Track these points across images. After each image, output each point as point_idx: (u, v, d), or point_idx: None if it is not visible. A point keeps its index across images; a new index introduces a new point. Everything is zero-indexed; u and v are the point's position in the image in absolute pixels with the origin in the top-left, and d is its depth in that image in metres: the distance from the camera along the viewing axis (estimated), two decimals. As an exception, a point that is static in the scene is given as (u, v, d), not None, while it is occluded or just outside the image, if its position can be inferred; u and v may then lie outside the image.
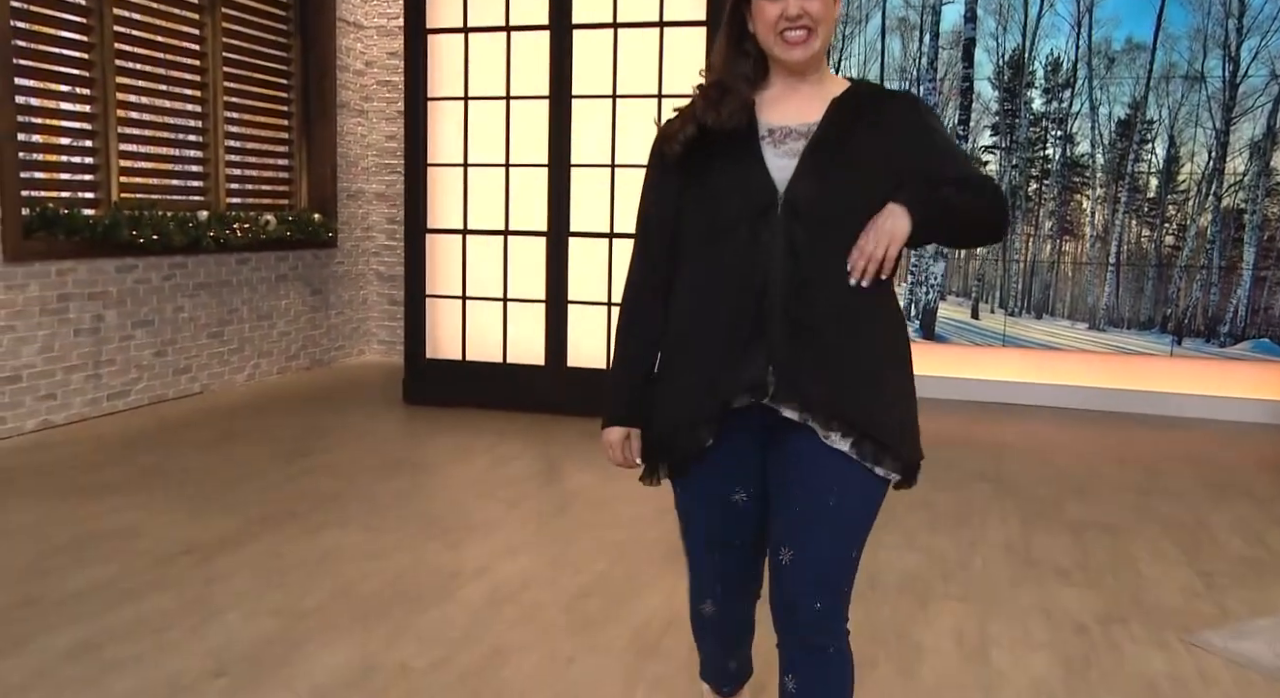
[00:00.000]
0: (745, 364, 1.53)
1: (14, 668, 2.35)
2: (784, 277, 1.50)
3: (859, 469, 1.53)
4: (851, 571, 1.58)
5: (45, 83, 4.71)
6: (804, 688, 1.58)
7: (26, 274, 4.48)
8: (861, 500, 1.55)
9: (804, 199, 1.50)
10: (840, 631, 1.59)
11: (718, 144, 1.55)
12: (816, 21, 1.49)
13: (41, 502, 3.59)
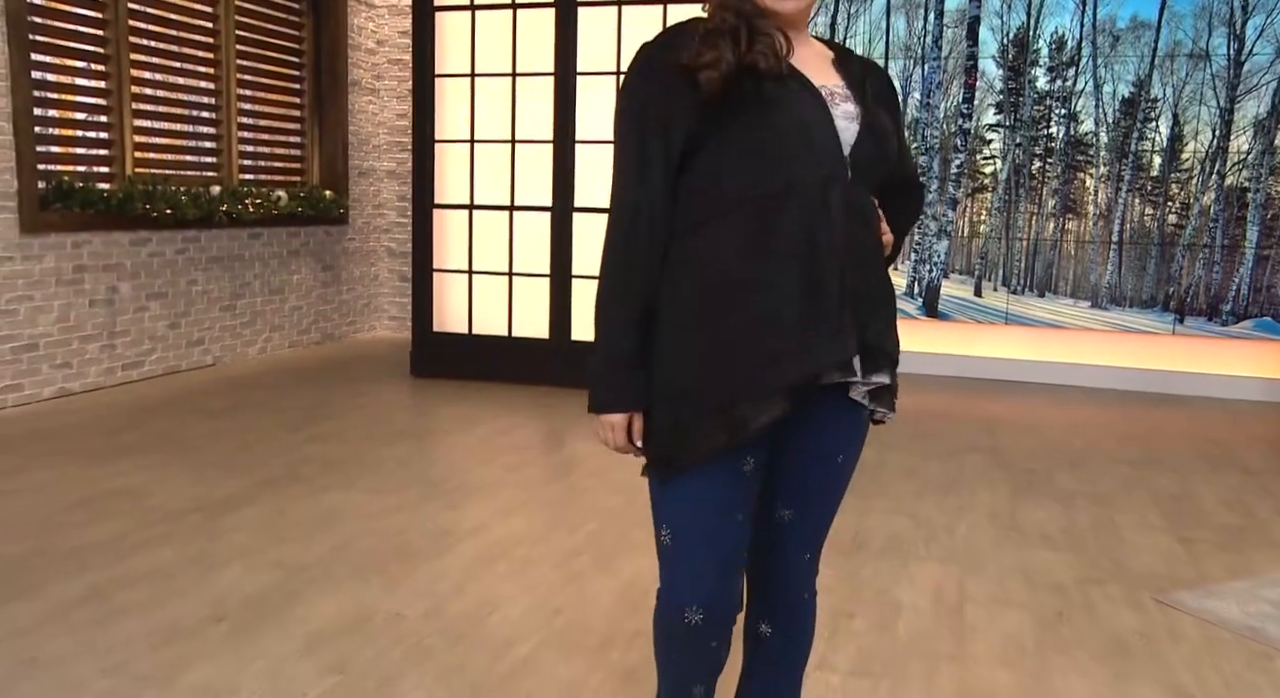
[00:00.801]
0: (838, 336, 1.42)
1: (27, 611, 2.46)
2: (851, 245, 1.43)
3: (864, 424, 1.54)
4: (830, 523, 1.63)
5: (61, 59, 4.81)
6: (781, 632, 1.63)
7: (43, 246, 4.59)
8: (858, 453, 1.58)
9: (864, 165, 1.46)
10: (811, 581, 1.64)
11: (760, 89, 1.39)
12: None
13: (57, 463, 3.71)
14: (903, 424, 4.74)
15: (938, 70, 5.93)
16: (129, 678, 2.14)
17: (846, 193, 1.43)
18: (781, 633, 1.64)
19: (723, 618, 1.48)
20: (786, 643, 1.65)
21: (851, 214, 1.43)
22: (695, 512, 1.45)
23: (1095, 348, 5.93)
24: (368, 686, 2.14)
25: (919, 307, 6.14)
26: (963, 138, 5.96)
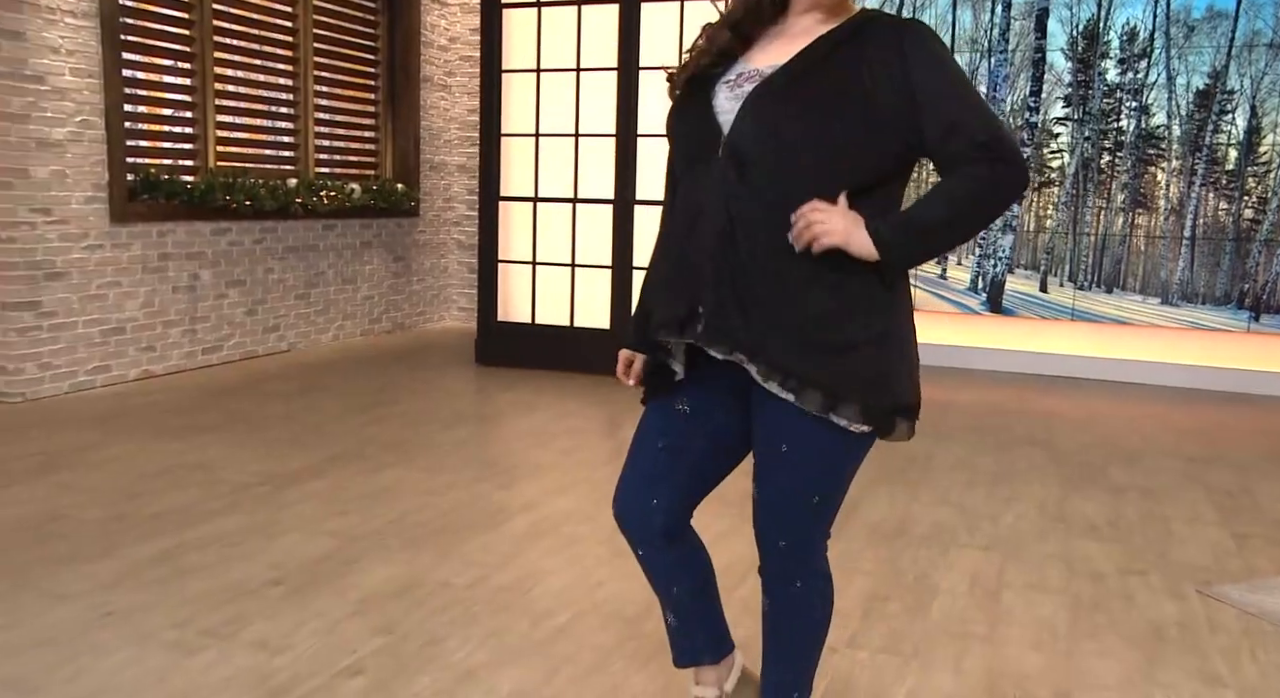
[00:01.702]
0: (673, 303, 1.55)
1: (105, 569, 2.64)
2: (720, 220, 1.49)
3: (810, 420, 1.50)
4: (816, 514, 1.59)
5: (150, 58, 5.06)
6: (774, 613, 1.69)
7: (130, 234, 4.85)
8: (818, 451, 1.53)
9: (742, 143, 1.48)
10: (808, 568, 1.64)
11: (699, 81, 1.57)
12: None
13: (138, 438, 3.93)
14: (959, 418, 4.73)
15: (1004, 63, 5.87)
16: (194, 631, 2.30)
17: (724, 174, 1.49)
18: (776, 612, 1.69)
19: (637, 533, 1.69)
20: (780, 622, 1.69)
21: (730, 194, 1.48)
22: (635, 438, 1.75)
23: (1165, 346, 5.81)
24: (413, 646, 2.26)
25: (983, 302, 6.09)
26: (1030, 131, 5.89)
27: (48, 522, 3.00)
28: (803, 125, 1.46)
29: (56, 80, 4.44)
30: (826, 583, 1.68)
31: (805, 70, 1.48)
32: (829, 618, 1.71)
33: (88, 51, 4.56)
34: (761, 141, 1.47)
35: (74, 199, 4.56)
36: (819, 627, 1.70)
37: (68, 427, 4.07)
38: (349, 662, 2.17)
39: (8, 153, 4.30)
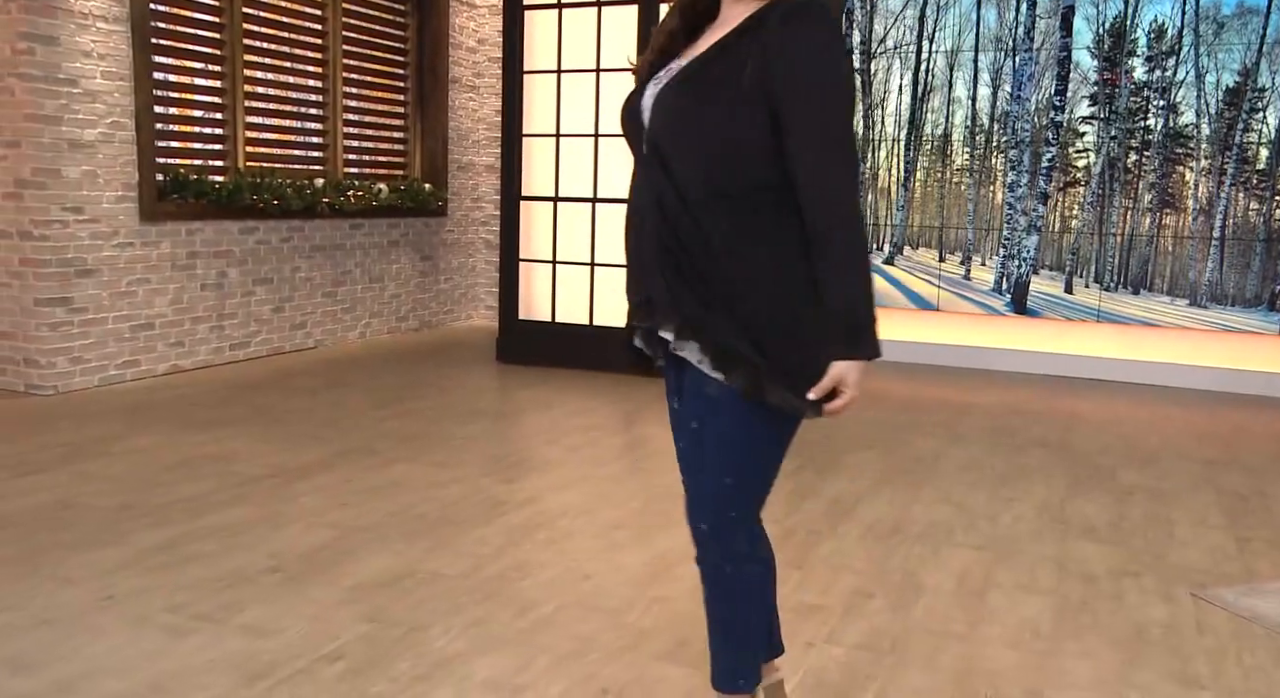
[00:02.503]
0: (633, 294, 1.65)
1: (112, 555, 2.73)
2: (654, 213, 1.55)
3: (725, 399, 1.54)
4: (733, 497, 1.61)
5: (181, 61, 5.20)
6: (706, 595, 1.72)
7: (159, 233, 4.98)
8: (730, 425, 1.56)
9: (656, 137, 1.54)
10: (730, 551, 1.64)
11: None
12: None
13: (160, 430, 4.05)
14: (977, 419, 4.70)
15: (1030, 62, 5.82)
16: (188, 615, 2.37)
17: (649, 162, 1.56)
18: (707, 594, 1.72)
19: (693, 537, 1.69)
20: (711, 605, 1.72)
21: (655, 182, 1.55)
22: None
23: (1192, 348, 5.72)
24: (396, 633, 2.31)
25: (1007, 303, 6.04)
26: (1054, 131, 5.83)
27: (63, 509, 3.11)
28: (691, 116, 1.51)
29: (88, 83, 4.58)
30: (755, 566, 1.69)
31: (707, 61, 1.52)
32: (753, 602, 1.71)
33: (119, 55, 4.70)
34: (667, 134, 1.54)
35: (105, 198, 4.71)
36: (745, 610, 1.70)
37: (95, 419, 4.20)
38: (332, 647, 2.23)
39: (41, 154, 4.44)
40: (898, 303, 6.22)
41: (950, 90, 6.00)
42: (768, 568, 1.72)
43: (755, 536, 1.69)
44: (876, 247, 6.29)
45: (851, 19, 6.15)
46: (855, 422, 4.59)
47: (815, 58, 1.45)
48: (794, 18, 1.45)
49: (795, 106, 1.45)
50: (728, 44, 1.51)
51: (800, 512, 3.29)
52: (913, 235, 6.23)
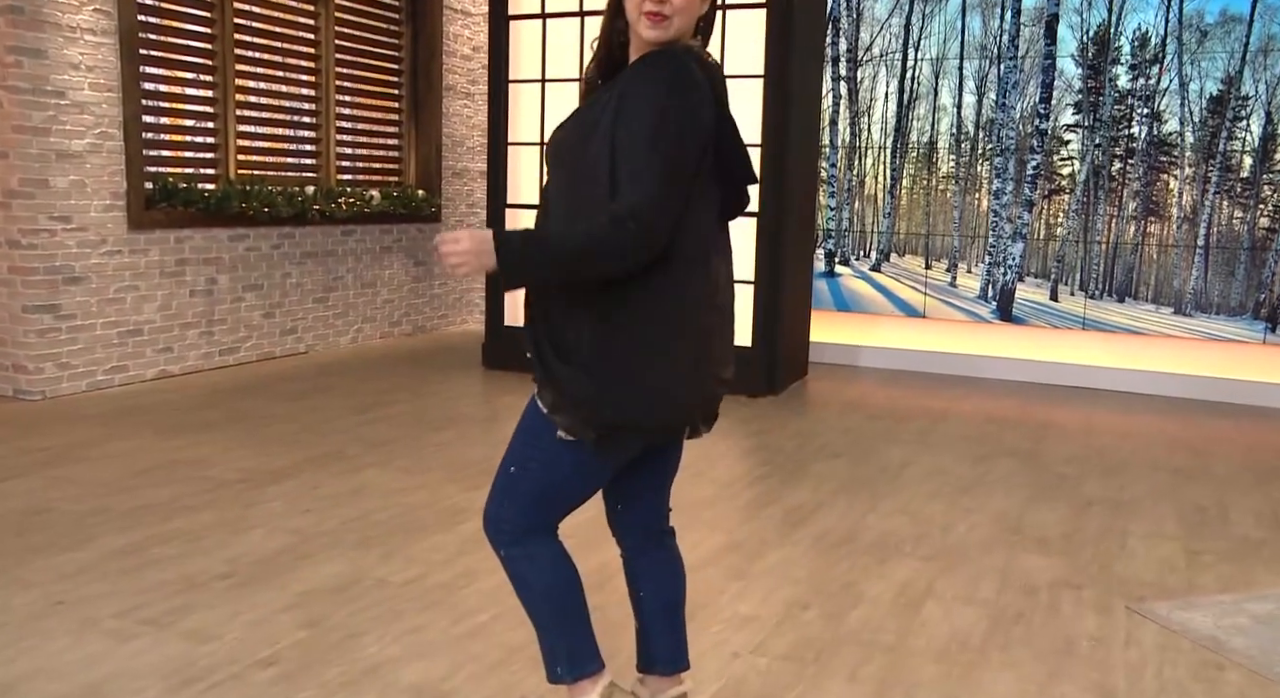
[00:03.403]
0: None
1: (72, 560, 2.81)
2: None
3: (534, 406, 1.69)
4: (511, 487, 1.73)
5: (172, 71, 5.30)
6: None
7: (148, 241, 5.08)
8: (528, 418, 1.71)
9: (547, 182, 1.71)
10: (501, 539, 1.76)
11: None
12: (676, 10, 1.61)
13: (140, 434, 4.13)
14: (952, 427, 4.73)
15: (1014, 70, 5.83)
16: (134, 621, 2.45)
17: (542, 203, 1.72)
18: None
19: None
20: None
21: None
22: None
23: (1178, 356, 5.71)
24: (332, 639, 2.38)
25: (993, 310, 6.05)
26: (1039, 139, 5.84)
27: (35, 514, 3.19)
28: (559, 161, 1.65)
29: (76, 95, 4.68)
30: (525, 563, 1.76)
31: (591, 104, 1.65)
32: (536, 600, 1.78)
33: (107, 67, 4.80)
34: (550, 170, 1.68)
35: (93, 207, 4.80)
36: (527, 601, 1.79)
37: (79, 424, 4.30)
38: (267, 653, 2.30)
39: (29, 164, 4.55)
40: (885, 309, 6.24)
41: (936, 98, 6.02)
42: (559, 578, 1.77)
43: (538, 542, 1.76)
44: (864, 253, 6.32)
45: (838, 27, 6.17)
46: (830, 429, 4.63)
47: (642, 102, 1.55)
48: (644, 62, 1.58)
49: (621, 144, 1.55)
50: (602, 92, 1.64)
51: (755, 520, 3.33)
52: (899, 242, 6.25)
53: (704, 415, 1.78)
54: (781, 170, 5.14)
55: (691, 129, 1.56)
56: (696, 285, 1.65)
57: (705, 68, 1.63)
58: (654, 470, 1.87)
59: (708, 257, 1.68)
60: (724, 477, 3.85)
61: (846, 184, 6.33)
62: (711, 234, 1.70)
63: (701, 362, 1.68)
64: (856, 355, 6.30)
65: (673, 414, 1.70)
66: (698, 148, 1.57)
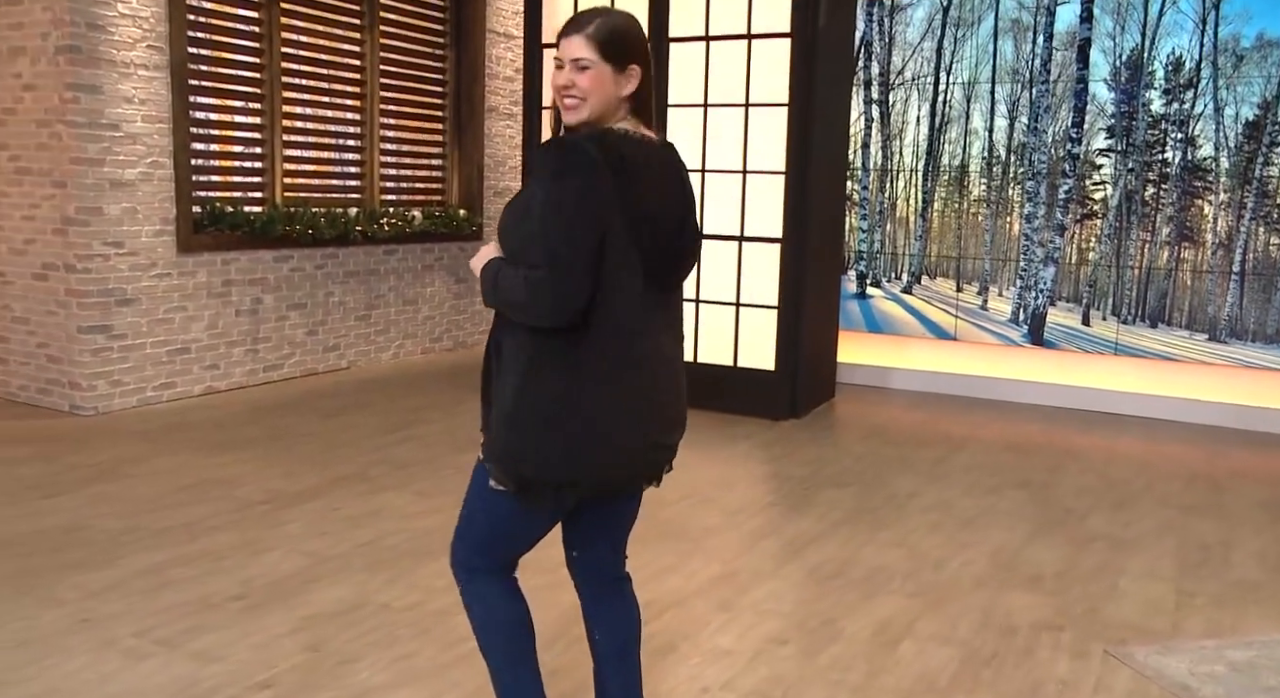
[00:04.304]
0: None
1: (99, 578, 3.02)
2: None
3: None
4: (462, 531, 1.88)
5: (221, 100, 5.55)
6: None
7: (196, 263, 5.34)
8: (475, 468, 1.85)
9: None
10: (455, 575, 1.91)
11: None
12: (586, 93, 1.75)
13: (180, 452, 4.37)
14: (968, 455, 4.75)
15: (1046, 94, 5.81)
16: (150, 641, 2.63)
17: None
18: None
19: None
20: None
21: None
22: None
23: (1212, 383, 5.65)
24: (329, 664, 2.53)
25: (1024, 334, 6.04)
26: (1071, 163, 5.81)
27: (73, 531, 3.42)
28: (503, 240, 1.81)
29: (129, 126, 4.95)
30: (473, 602, 1.89)
31: (520, 192, 1.82)
32: (482, 636, 1.91)
33: (158, 99, 5.06)
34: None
35: (144, 233, 5.07)
36: (478, 636, 1.92)
37: (126, 440, 4.55)
38: (265, 676, 2.46)
39: (85, 193, 4.82)
40: (915, 331, 6.26)
41: (968, 122, 6.03)
42: (504, 616, 1.90)
43: (486, 581, 1.89)
44: (895, 275, 6.35)
45: (870, 51, 6.21)
46: (845, 455, 4.69)
47: (538, 187, 1.71)
48: (539, 150, 1.73)
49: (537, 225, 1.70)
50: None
51: (753, 551, 3.42)
52: (930, 265, 6.26)
53: (632, 476, 1.85)
54: (804, 196, 5.21)
55: (577, 208, 1.66)
56: (617, 350, 1.73)
57: (608, 146, 1.70)
58: (605, 521, 1.96)
59: (633, 324, 1.75)
60: (733, 504, 3.94)
61: (878, 207, 6.37)
62: (638, 303, 1.75)
63: (622, 424, 1.75)
64: (887, 377, 6.33)
65: (588, 473, 1.76)
66: (586, 224, 1.66)
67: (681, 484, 4.15)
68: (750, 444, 4.88)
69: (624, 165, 1.71)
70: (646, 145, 1.79)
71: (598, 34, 1.74)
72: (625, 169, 1.71)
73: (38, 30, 4.77)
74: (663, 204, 1.78)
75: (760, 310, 5.35)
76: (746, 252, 5.35)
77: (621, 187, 1.70)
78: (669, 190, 1.81)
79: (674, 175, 1.84)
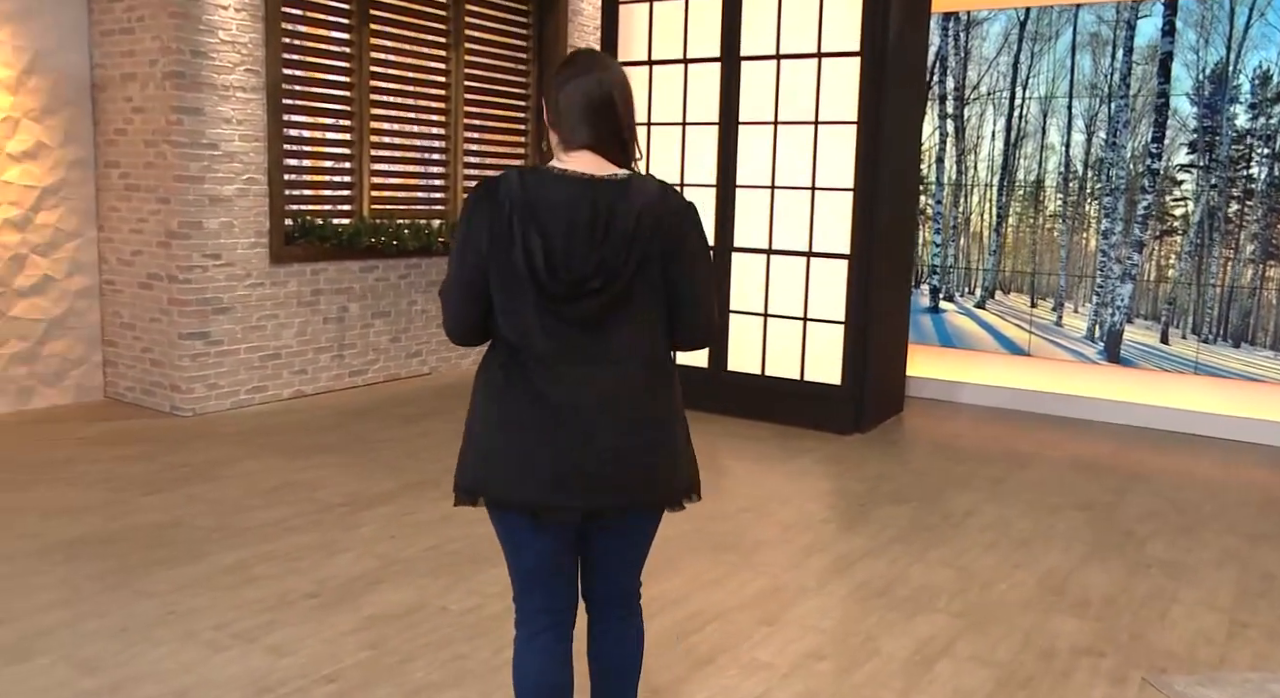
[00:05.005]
0: None
1: (186, 573, 3.27)
2: None
3: None
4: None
5: (313, 117, 5.85)
6: None
7: (287, 273, 5.64)
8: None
9: None
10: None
11: None
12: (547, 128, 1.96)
13: (266, 455, 4.64)
14: (1033, 473, 4.74)
15: (1125, 109, 5.73)
16: (228, 634, 2.85)
17: None
18: None
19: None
20: None
21: None
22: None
23: (1297, 405, 5.49)
24: (388, 662, 2.72)
25: (1099, 351, 5.95)
26: (1151, 178, 5.72)
27: (168, 528, 3.69)
28: None
29: (227, 145, 5.26)
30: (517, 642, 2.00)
31: None
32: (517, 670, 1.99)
33: (254, 119, 5.37)
34: None
35: (239, 245, 5.38)
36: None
37: (219, 441, 4.85)
38: (331, 670, 2.66)
39: (186, 208, 5.15)
40: (988, 346, 6.23)
41: (1044, 137, 5.98)
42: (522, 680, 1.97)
43: (518, 629, 1.99)
44: (968, 290, 6.32)
45: (945, 66, 6.20)
46: (907, 472, 4.72)
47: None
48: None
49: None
50: None
51: (802, 567, 3.50)
52: (1004, 280, 6.22)
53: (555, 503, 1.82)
54: (871, 213, 5.25)
55: (462, 239, 1.82)
56: (514, 374, 1.80)
57: (518, 182, 1.78)
58: (598, 553, 1.98)
59: (533, 351, 1.80)
60: (788, 518, 4.02)
61: (952, 221, 6.35)
62: (537, 333, 1.80)
63: (515, 444, 1.81)
64: (957, 392, 6.31)
65: (500, 491, 1.83)
66: (463, 257, 1.81)
67: (739, 497, 4.25)
68: (812, 458, 4.95)
69: (526, 199, 1.76)
70: (565, 180, 1.80)
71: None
72: (528, 203, 1.76)
73: (147, 57, 5.11)
74: (567, 239, 1.77)
75: (827, 325, 5.40)
76: (814, 267, 5.41)
77: (521, 219, 1.76)
78: (576, 225, 1.78)
79: (584, 211, 1.79)
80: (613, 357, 1.83)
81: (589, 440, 1.81)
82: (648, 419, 1.86)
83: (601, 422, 1.82)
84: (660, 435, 1.88)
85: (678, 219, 1.86)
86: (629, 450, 1.84)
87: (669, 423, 1.89)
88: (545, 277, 1.77)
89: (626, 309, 1.83)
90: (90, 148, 5.42)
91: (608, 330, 1.82)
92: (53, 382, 5.40)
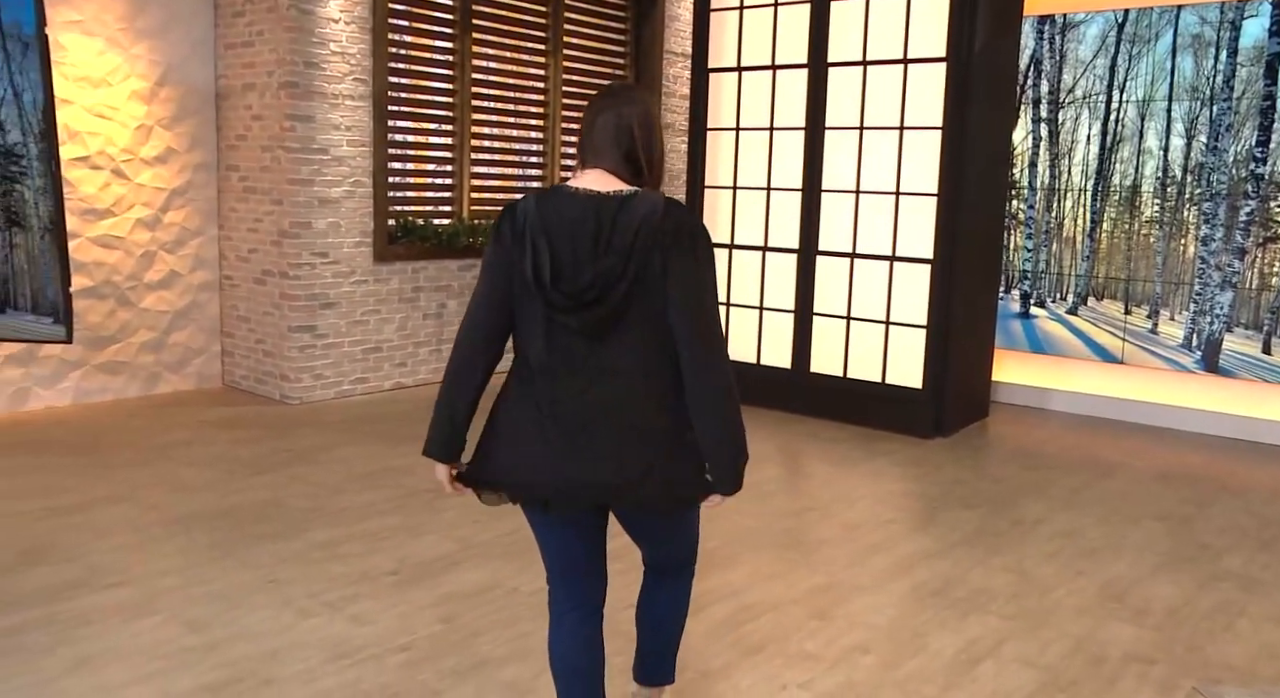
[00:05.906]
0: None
1: (286, 548, 3.55)
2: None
3: None
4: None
5: (417, 123, 6.15)
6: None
7: (389, 271, 5.96)
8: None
9: None
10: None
11: None
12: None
13: (364, 442, 4.94)
14: (1116, 483, 4.69)
15: (1228, 112, 5.58)
16: (318, 602, 3.11)
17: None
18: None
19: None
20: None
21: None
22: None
23: None
24: (458, 636, 2.93)
25: (1197, 360, 5.81)
26: (1255, 183, 5.56)
27: (271, 506, 4.00)
28: None
29: (336, 150, 5.60)
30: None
31: None
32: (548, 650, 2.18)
33: (361, 125, 5.70)
34: None
35: (345, 244, 5.72)
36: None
37: (322, 428, 5.18)
38: (405, 640, 2.88)
39: (297, 209, 5.50)
40: (1079, 353, 6.14)
41: (1141, 140, 5.86)
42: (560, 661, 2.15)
43: (553, 610, 2.17)
44: (1060, 296, 6.24)
45: (1040, 69, 6.14)
46: (982, 478, 4.73)
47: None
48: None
49: None
50: None
51: (860, 566, 3.59)
52: (1098, 286, 6.12)
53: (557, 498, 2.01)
54: (955, 218, 5.26)
55: (489, 253, 1.99)
56: (527, 379, 1.98)
57: (537, 199, 1.94)
58: (634, 536, 2.24)
59: (543, 361, 1.95)
60: (854, 519, 4.10)
61: (1044, 226, 6.28)
62: (544, 343, 1.94)
63: (520, 441, 1.99)
64: (1047, 398, 6.24)
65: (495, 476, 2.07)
66: (488, 271, 1.98)
67: (807, 496, 4.35)
68: (889, 461, 5.00)
69: (540, 214, 1.91)
70: (576, 197, 1.92)
71: None
72: (542, 217, 1.91)
73: (264, 69, 5.49)
74: (574, 252, 1.89)
75: (909, 329, 5.43)
76: (897, 271, 5.45)
77: (534, 233, 1.90)
78: (582, 238, 1.89)
79: (589, 225, 1.89)
80: (614, 367, 1.92)
81: (589, 447, 1.92)
82: (648, 428, 1.94)
83: (602, 430, 1.92)
84: (660, 443, 1.95)
85: (677, 233, 1.89)
86: (628, 458, 1.93)
87: (669, 431, 1.95)
88: (550, 287, 1.89)
89: (627, 320, 1.90)
90: (213, 153, 5.84)
91: (609, 341, 1.92)
92: (176, 369, 5.84)
